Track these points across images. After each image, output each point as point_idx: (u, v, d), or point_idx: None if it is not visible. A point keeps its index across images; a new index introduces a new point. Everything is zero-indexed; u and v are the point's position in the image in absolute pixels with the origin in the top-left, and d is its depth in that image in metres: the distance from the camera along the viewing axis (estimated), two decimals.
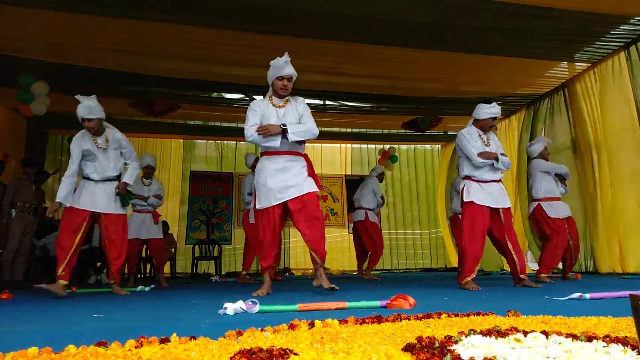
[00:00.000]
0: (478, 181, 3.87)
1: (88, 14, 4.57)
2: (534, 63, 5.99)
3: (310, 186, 3.36)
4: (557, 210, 4.81)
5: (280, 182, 3.30)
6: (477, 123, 3.97)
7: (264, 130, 3.24)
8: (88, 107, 3.75)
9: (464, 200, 3.87)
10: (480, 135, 3.93)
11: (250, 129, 3.32)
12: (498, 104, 4.02)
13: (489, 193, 3.84)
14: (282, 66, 3.35)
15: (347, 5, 4.59)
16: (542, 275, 4.61)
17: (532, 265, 6.89)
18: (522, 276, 3.83)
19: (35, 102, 5.45)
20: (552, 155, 6.72)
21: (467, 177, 3.92)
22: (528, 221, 5.92)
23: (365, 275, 6.42)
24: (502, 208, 3.84)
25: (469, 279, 3.71)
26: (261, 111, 3.40)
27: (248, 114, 3.41)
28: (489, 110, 3.90)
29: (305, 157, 3.51)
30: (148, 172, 5.50)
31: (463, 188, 3.90)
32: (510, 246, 3.84)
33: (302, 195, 3.31)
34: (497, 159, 3.81)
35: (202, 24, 4.87)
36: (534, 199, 4.97)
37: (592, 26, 5.03)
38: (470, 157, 3.87)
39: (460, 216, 4.44)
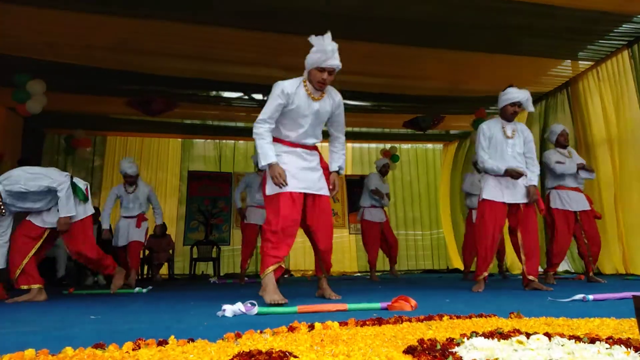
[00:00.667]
0: (496, 175, 3.66)
1: (85, 13, 4.55)
2: (537, 61, 5.98)
3: (326, 189, 3.03)
4: (564, 200, 4.55)
5: (299, 169, 2.92)
6: (501, 114, 3.82)
7: (279, 182, 2.78)
8: None
9: (480, 197, 3.75)
10: (503, 127, 3.73)
11: (264, 126, 2.86)
12: None
13: (507, 187, 3.64)
14: (327, 56, 2.77)
15: (347, 3, 4.57)
16: (549, 274, 4.45)
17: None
18: (529, 277, 3.63)
19: (32, 100, 5.41)
20: None
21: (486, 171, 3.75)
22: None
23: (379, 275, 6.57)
24: (522, 203, 3.63)
25: (480, 277, 3.64)
26: (292, 102, 2.88)
27: (270, 101, 2.88)
28: (504, 97, 3.71)
29: (317, 148, 3.16)
30: (129, 180, 5.27)
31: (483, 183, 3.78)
32: (520, 243, 3.66)
33: (322, 196, 2.98)
34: (511, 174, 3.54)
35: (200, 23, 4.85)
36: (545, 188, 4.81)
37: (596, 24, 5.02)
38: (477, 154, 3.77)
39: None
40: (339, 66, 2.88)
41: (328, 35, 2.76)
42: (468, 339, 1.31)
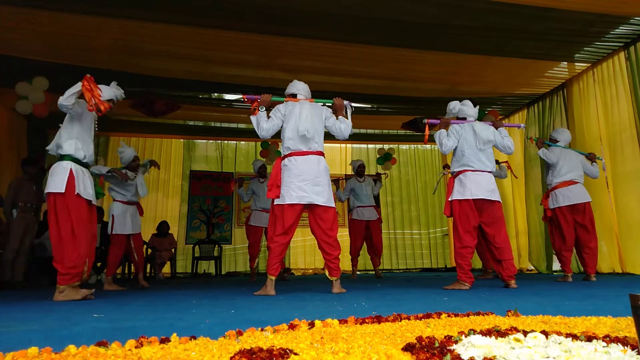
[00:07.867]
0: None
1: (88, 14, 4.57)
2: (534, 63, 6.00)
3: None
4: (553, 198, 4.72)
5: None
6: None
7: None
8: None
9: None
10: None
11: None
12: (497, 104, 4.04)
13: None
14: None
15: (347, 5, 4.59)
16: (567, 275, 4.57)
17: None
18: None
19: (28, 100, 5.40)
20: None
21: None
22: None
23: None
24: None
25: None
26: None
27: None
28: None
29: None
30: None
31: None
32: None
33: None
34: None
35: (202, 25, 4.87)
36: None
37: (592, 26, 5.03)
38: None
39: None
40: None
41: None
42: (466, 336, 1.32)
